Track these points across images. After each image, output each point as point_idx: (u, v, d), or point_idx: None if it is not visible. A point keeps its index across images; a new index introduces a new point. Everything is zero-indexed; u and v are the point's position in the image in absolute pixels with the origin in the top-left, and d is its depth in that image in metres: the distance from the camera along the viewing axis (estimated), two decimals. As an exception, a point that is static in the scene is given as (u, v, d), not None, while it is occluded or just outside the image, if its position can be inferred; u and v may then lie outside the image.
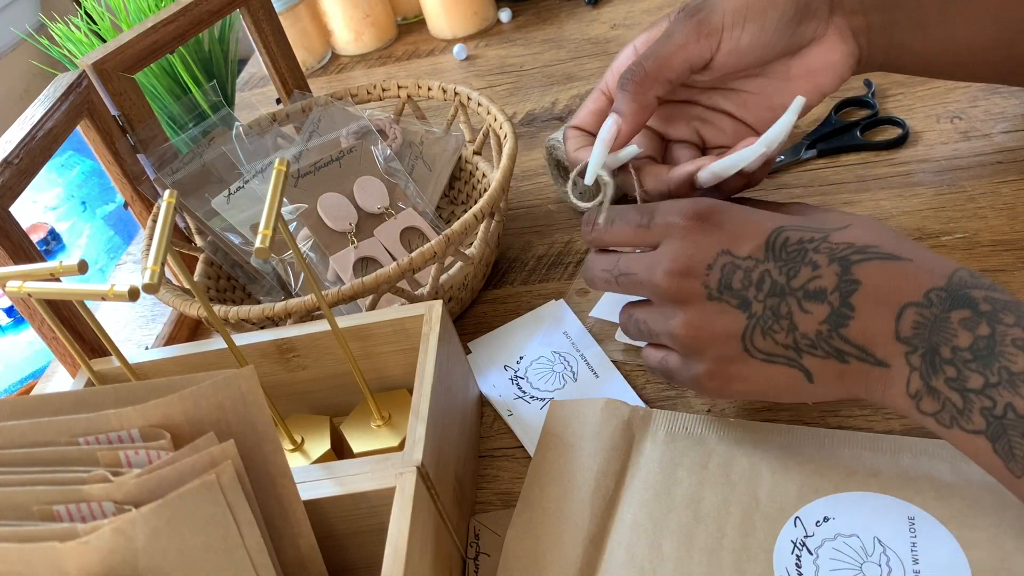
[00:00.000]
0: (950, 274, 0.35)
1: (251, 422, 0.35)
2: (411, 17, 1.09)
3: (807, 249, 0.38)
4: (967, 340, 0.33)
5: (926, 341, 0.34)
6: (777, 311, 0.38)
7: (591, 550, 0.41)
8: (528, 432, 0.50)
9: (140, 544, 0.31)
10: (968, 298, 0.34)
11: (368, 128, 0.67)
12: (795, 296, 0.37)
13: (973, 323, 0.33)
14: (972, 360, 0.33)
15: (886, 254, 0.37)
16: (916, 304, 0.35)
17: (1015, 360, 0.32)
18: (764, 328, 0.38)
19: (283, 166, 0.39)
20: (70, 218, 1.50)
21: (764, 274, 0.38)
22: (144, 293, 0.36)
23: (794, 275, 0.38)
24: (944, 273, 0.35)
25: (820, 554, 0.38)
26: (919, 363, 0.35)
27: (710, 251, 0.39)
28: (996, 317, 0.33)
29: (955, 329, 0.34)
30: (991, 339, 0.33)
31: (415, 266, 0.50)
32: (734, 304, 0.39)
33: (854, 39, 0.47)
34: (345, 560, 0.42)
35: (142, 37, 0.62)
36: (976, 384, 0.33)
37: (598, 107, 0.52)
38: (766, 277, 0.38)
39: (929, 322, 0.34)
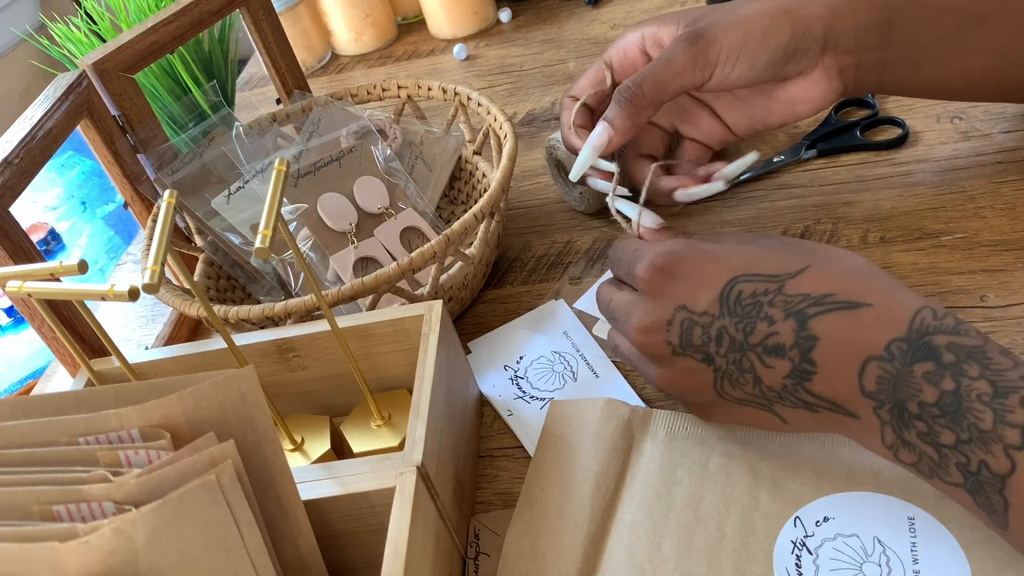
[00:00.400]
0: (911, 318, 0.34)
1: (251, 422, 0.35)
2: (411, 17, 1.09)
3: (761, 303, 0.37)
4: (933, 395, 0.32)
5: (892, 396, 0.33)
6: (740, 365, 0.38)
7: (591, 550, 0.41)
8: (528, 432, 0.50)
9: (140, 544, 0.31)
10: (930, 348, 0.33)
11: (368, 128, 0.67)
12: (755, 352, 0.37)
13: (937, 377, 0.32)
14: (941, 416, 0.32)
15: (844, 303, 0.35)
16: (877, 358, 0.34)
17: (983, 417, 0.31)
18: (731, 380, 0.39)
19: (283, 166, 0.39)
20: (70, 218, 1.50)
21: (721, 330, 0.38)
22: (144, 293, 0.36)
23: (751, 331, 0.37)
24: (905, 318, 0.34)
25: (820, 554, 0.38)
26: (889, 417, 0.34)
27: (668, 308, 0.40)
28: (960, 369, 0.32)
29: (919, 384, 0.32)
30: (957, 394, 0.32)
31: (415, 266, 0.50)
32: (699, 359, 0.39)
33: (840, 77, 0.50)
34: (345, 560, 0.42)
35: (142, 37, 0.62)
36: (948, 440, 0.32)
37: (598, 79, 0.55)
38: (724, 333, 0.38)
39: (892, 376, 0.33)
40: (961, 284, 0.50)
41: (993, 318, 0.47)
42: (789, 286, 0.37)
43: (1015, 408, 0.31)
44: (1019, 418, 0.30)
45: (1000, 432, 0.31)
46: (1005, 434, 0.31)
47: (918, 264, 0.52)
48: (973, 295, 0.49)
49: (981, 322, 0.47)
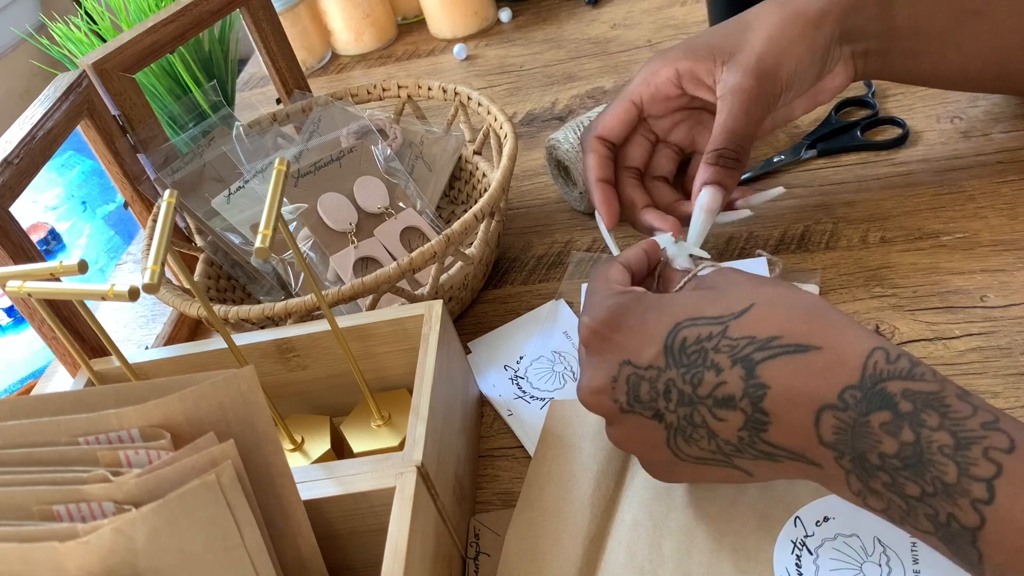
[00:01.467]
0: (863, 363, 0.32)
1: (251, 422, 0.35)
2: (411, 17, 1.09)
3: (706, 349, 0.35)
4: (892, 447, 0.30)
5: (851, 447, 0.32)
6: (692, 420, 0.35)
7: (591, 550, 0.41)
8: (528, 432, 0.50)
9: (140, 544, 0.31)
10: (885, 395, 0.31)
11: (368, 128, 0.67)
12: (705, 405, 0.35)
13: (895, 427, 0.30)
14: (903, 468, 0.30)
15: (791, 346, 0.33)
16: (831, 407, 0.32)
17: (946, 471, 0.29)
18: (685, 436, 0.36)
19: (283, 166, 0.39)
20: (70, 218, 1.50)
21: (669, 384, 0.36)
22: (144, 293, 0.36)
23: (698, 382, 0.35)
24: (857, 364, 0.32)
25: (820, 554, 0.38)
26: (851, 467, 0.32)
27: (613, 363, 0.37)
28: (918, 419, 0.30)
29: (878, 435, 0.31)
30: (917, 446, 0.30)
31: (415, 266, 0.50)
32: (648, 416, 0.37)
33: (852, 63, 0.52)
34: (345, 560, 0.42)
35: (142, 37, 0.62)
36: (913, 492, 0.30)
37: (629, 118, 0.54)
38: (671, 387, 0.36)
39: (849, 427, 0.31)
40: (961, 284, 0.50)
41: (993, 318, 0.47)
42: (733, 328, 0.35)
43: (978, 460, 0.29)
44: (984, 471, 0.29)
45: (966, 487, 0.29)
46: (971, 488, 0.29)
47: (918, 264, 0.52)
48: (973, 295, 0.49)
49: (981, 322, 0.47)
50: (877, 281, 0.52)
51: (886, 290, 0.51)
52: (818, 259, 0.55)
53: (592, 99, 0.81)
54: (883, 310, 0.50)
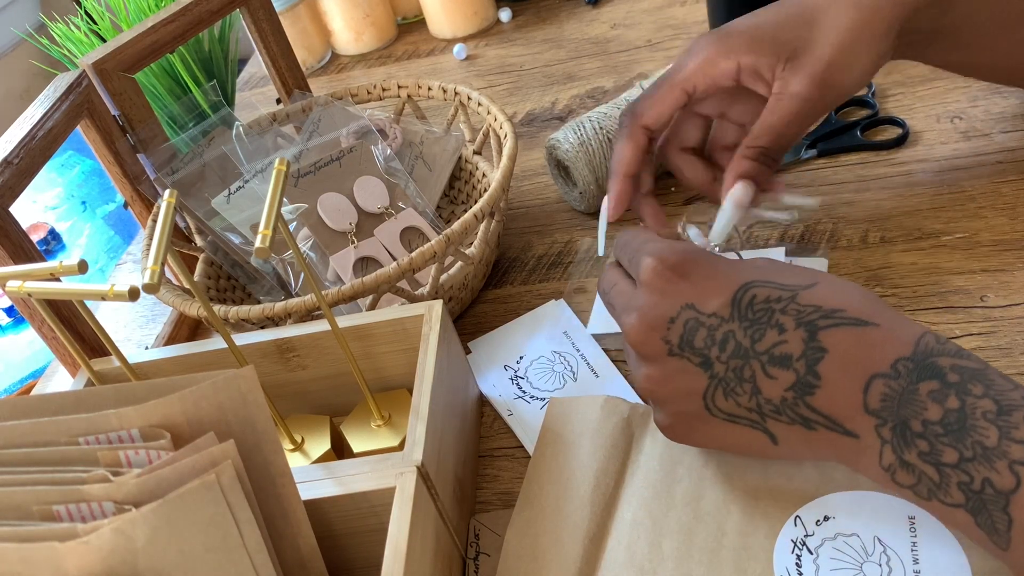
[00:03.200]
0: (916, 340, 0.34)
1: (251, 422, 0.35)
2: (411, 17, 1.09)
3: (774, 310, 0.36)
4: (937, 413, 0.32)
5: (895, 414, 0.33)
6: (740, 374, 0.36)
7: (591, 548, 0.41)
8: (528, 432, 0.50)
9: (140, 544, 0.31)
10: (935, 368, 0.33)
11: (368, 128, 0.67)
12: (759, 360, 0.36)
13: (942, 395, 0.32)
14: (944, 434, 0.32)
15: (853, 319, 0.35)
16: (883, 375, 0.34)
17: (987, 434, 0.31)
18: (726, 390, 0.37)
19: (283, 166, 0.39)
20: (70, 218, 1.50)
21: (728, 334, 0.37)
22: (144, 293, 0.36)
23: (759, 338, 0.36)
24: (911, 340, 0.34)
25: (820, 553, 0.38)
26: (890, 436, 0.33)
27: (674, 305, 0.38)
28: (964, 388, 0.32)
29: (924, 402, 0.33)
30: (961, 412, 0.32)
31: (415, 266, 0.50)
32: (696, 363, 0.38)
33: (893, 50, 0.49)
34: (345, 560, 0.42)
35: (142, 37, 0.62)
36: (951, 459, 0.32)
37: (678, 106, 0.50)
38: (730, 338, 0.37)
39: (897, 394, 0.33)
40: (961, 284, 0.50)
41: (993, 318, 0.47)
42: (803, 296, 0.36)
43: (1020, 425, 0.31)
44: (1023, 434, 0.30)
45: (1005, 448, 0.30)
46: (1010, 450, 0.30)
47: (918, 264, 0.52)
48: (973, 295, 0.49)
49: (981, 322, 0.47)
50: (877, 281, 0.52)
51: (886, 290, 0.51)
52: (821, 252, 0.55)
53: (592, 99, 0.81)
54: (883, 310, 0.50)
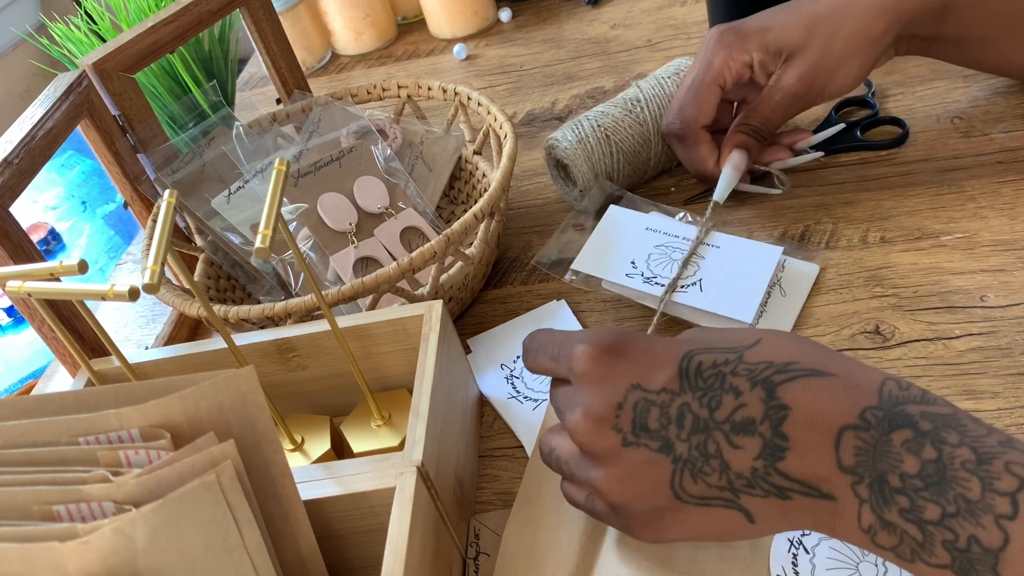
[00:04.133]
0: (879, 388, 0.32)
1: (251, 422, 0.35)
2: (411, 17, 1.09)
3: (724, 373, 0.34)
4: (914, 466, 0.30)
5: (871, 469, 0.31)
6: (705, 450, 0.34)
7: (588, 546, 0.41)
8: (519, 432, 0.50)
9: (140, 544, 0.31)
10: (905, 416, 0.31)
11: (368, 128, 0.67)
12: (722, 430, 0.33)
13: (917, 445, 0.30)
14: (924, 488, 0.30)
15: (809, 370, 0.33)
16: (853, 427, 0.31)
17: (969, 486, 0.29)
18: (693, 471, 0.34)
19: (283, 166, 0.39)
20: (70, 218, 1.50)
21: (683, 408, 0.34)
22: (144, 293, 0.36)
23: (717, 406, 0.33)
24: (873, 387, 0.32)
25: (816, 553, 0.38)
26: (868, 494, 0.31)
27: (619, 388, 0.35)
28: (939, 437, 0.30)
29: (900, 453, 0.30)
30: (939, 463, 0.30)
31: (415, 266, 0.50)
32: (655, 448, 0.34)
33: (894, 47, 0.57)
34: (345, 560, 0.42)
35: (142, 37, 0.62)
36: (933, 515, 0.29)
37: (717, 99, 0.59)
38: (686, 411, 0.34)
39: (871, 447, 0.31)
40: (961, 284, 0.50)
41: (993, 318, 0.47)
42: (749, 355, 0.34)
43: (1001, 475, 0.29)
44: (1007, 485, 0.28)
45: (990, 501, 0.28)
46: (995, 503, 0.28)
47: (918, 264, 0.52)
48: (973, 295, 0.49)
49: (981, 322, 0.47)
50: (877, 281, 0.52)
51: (886, 290, 0.51)
52: (818, 259, 0.55)
53: (592, 99, 0.81)
54: (883, 310, 0.50)
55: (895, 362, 0.47)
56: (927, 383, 0.45)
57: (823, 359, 0.34)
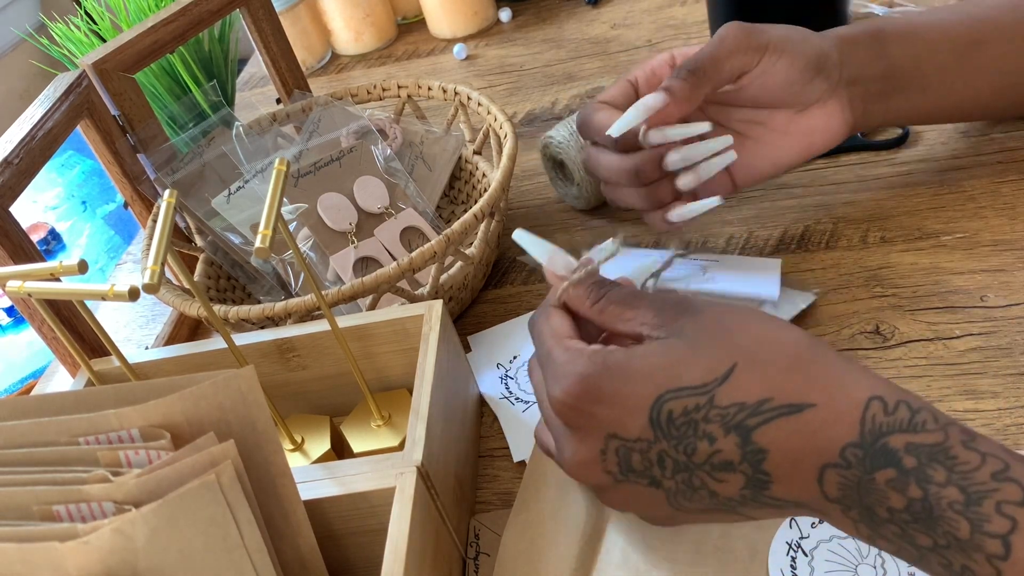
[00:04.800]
0: (861, 417, 0.31)
1: (251, 422, 0.35)
2: (411, 17, 1.09)
3: (695, 420, 0.33)
4: (901, 502, 0.29)
5: (857, 502, 0.31)
6: (690, 484, 0.34)
7: (587, 550, 0.41)
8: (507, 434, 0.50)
9: (140, 544, 0.31)
10: (888, 451, 0.30)
11: (368, 128, 0.67)
12: (703, 470, 0.33)
13: (901, 484, 0.29)
14: (913, 521, 0.29)
15: (784, 407, 0.32)
16: (834, 465, 0.31)
17: (958, 527, 0.28)
18: (685, 496, 0.35)
19: (283, 166, 0.39)
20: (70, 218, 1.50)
21: (662, 454, 0.34)
22: (144, 293, 0.36)
23: (692, 451, 0.33)
24: (855, 416, 0.31)
25: (815, 555, 0.38)
26: (859, 517, 0.31)
27: (598, 438, 0.35)
28: (924, 475, 0.29)
29: (884, 491, 0.30)
30: (925, 502, 0.29)
31: (415, 266, 0.50)
32: (644, 483, 0.35)
33: (851, 108, 0.51)
34: (345, 560, 0.42)
35: (142, 37, 0.62)
36: (925, 543, 0.29)
37: (626, 93, 0.53)
38: (665, 456, 0.34)
39: (854, 483, 0.30)
40: (961, 284, 0.50)
41: (993, 318, 0.47)
42: (719, 395, 0.32)
43: (991, 516, 0.28)
44: (998, 527, 0.28)
45: (979, 543, 0.28)
46: (985, 544, 0.28)
47: (918, 264, 0.52)
48: (973, 295, 0.49)
49: (981, 322, 0.47)
50: (877, 281, 0.52)
51: (886, 290, 0.51)
52: (818, 259, 0.55)
53: (592, 99, 0.81)
54: (883, 310, 0.50)
55: (895, 362, 0.47)
56: (927, 383, 0.45)
57: (800, 384, 0.32)
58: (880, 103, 0.52)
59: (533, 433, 0.43)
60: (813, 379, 0.32)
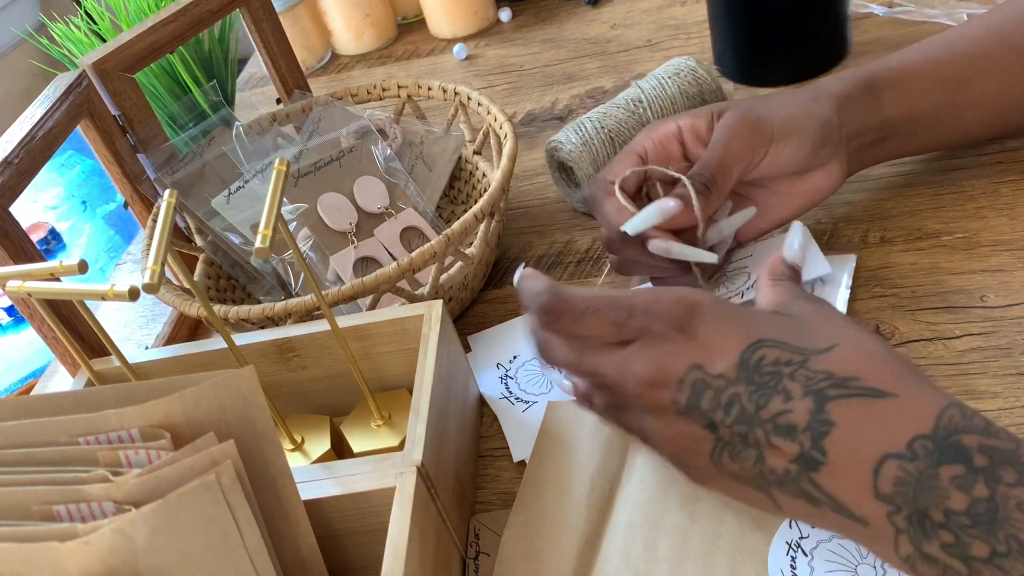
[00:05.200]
0: (938, 414, 0.31)
1: (251, 422, 0.35)
2: (411, 17, 1.09)
3: (782, 374, 0.34)
4: (962, 503, 0.29)
5: (911, 502, 0.30)
6: (745, 439, 0.34)
7: (586, 550, 0.41)
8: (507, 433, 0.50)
9: (140, 544, 0.31)
10: (960, 448, 0.30)
11: (368, 128, 0.67)
12: (764, 428, 0.34)
13: (968, 482, 0.29)
14: (971, 526, 0.29)
15: (868, 389, 0.32)
16: (898, 455, 0.30)
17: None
18: (731, 453, 0.35)
19: (283, 166, 0.39)
20: (70, 218, 1.51)
21: (734, 398, 0.34)
22: (144, 293, 0.36)
23: (764, 404, 0.34)
24: (932, 413, 0.31)
25: (815, 555, 0.38)
26: (906, 525, 0.30)
27: (682, 364, 0.36)
28: (994, 475, 0.29)
29: (946, 489, 0.29)
30: (991, 502, 0.28)
31: (415, 266, 0.50)
32: (701, 424, 0.35)
33: (847, 160, 0.51)
34: (345, 560, 0.42)
35: (142, 37, 0.62)
36: (981, 553, 0.28)
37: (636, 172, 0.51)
38: (735, 401, 0.34)
39: (914, 478, 0.30)
40: (961, 284, 0.50)
41: (993, 318, 0.47)
42: (814, 361, 0.34)
43: None
44: None
45: None
46: None
47: (918, 264, 0.52)
48: (973, 295, 0.49)
49: (981, 322, 0.47)
50: (877, 281, 0.52)
51: (886, 290, 0.51)
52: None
53: (592, 99, 0.81)
54: (883, 310, 0.50)
55: (895, 362, 0.47)
56: (927, 383, 0.45)
57: (890, 376, 0.33)
58: (874, 149, 0.53)
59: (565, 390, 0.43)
60: (901, 377, 0.33)
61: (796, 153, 0.49)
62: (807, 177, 0.51)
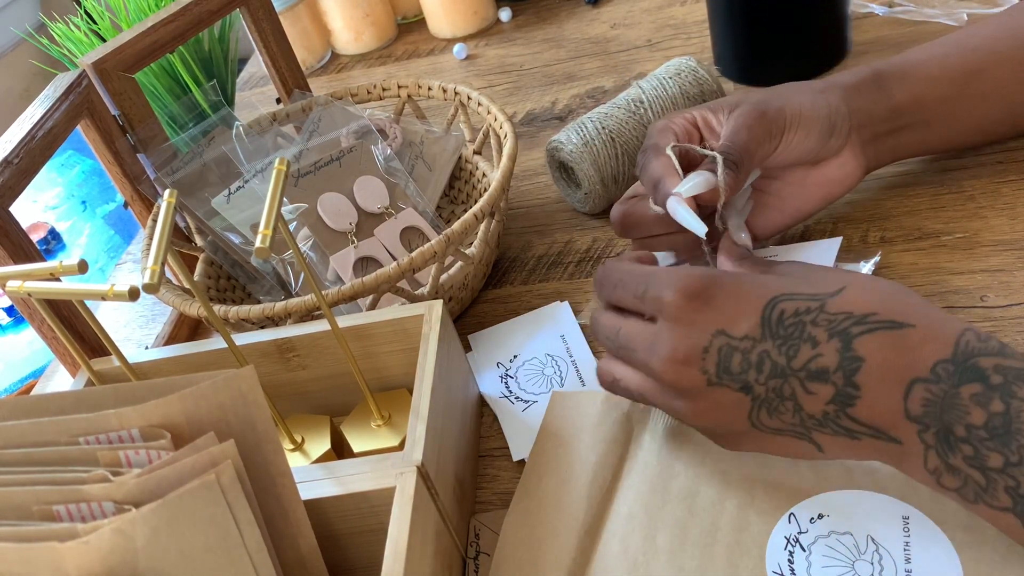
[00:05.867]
0: (956, 339, 0.34)
1: (251, 422, 0.35)
2: (411, 16, 1.09)
3: (804, 323, 0.36)
4: (981, 418, 0.32)
5: (938, 420, 0.33)
6: (780, 392, 0.36)
7: (586, 540, 0.41)
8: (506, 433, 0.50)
9: (140, 544, 0.31)
10: (977, 369, 0.33)
11: (368, 128, 0.67)
12: (797, 377, 0.36)
13: (985, 398, 0.32)
14: (989, 439, 0.32)
15: (887, 322, 0.35)
16: (923, 380, 0.33)
17: None
18: (769, 409, 0.37)
19: (283, 166, 0.39)
20: (70, 218, 1.51)
21: (763, 355, 0.36)
22: (144, 293, 0.36)
23: (794, 355, 0.36)
24: (950, 339, 0.34)
25: (813, 551, 0.38)
26: (933, 441, 0.33)
27: (705, 333, 0.37)
28: (1009, 391, 0.32)
29: (967, 406, 0.32)
30: (1006, 416, 0.31)
31: (415, 266, 0.50)
32: (736, 388, 0.37)
33: (863, 153, 0.52)
34: (345, 560, 0.42)
35: (142, 37, 0.62)
36: (996, 463, 0.32)
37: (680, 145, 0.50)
38: (766, 358, 0.36)
39: (939, 399, 0.33)
40: (961, 284, 0.50)
41: (993, 318, 0.47)
42: (831, 304, 0.36)
43: None
44: None
45: None
46: None
47: (918, 264, 0.52)
48: (973, 295, 0.49)
49: (981, 322, 0.47)
50: (877, 281, 0.52)
51: (886, 290, 0.51)
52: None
53: (592, 99, 0.81)
54: (883, 310, 0.50)
55: (895, 362, 0.47)
56: (927, 383, 0.46)
57: (904, 308, 0.35)
58: (889, 141, 0.52)
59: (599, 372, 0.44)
60: (914, 307, 0.35)
61: (805, 142, 0.49)
62: (820, 168, 0.51)
